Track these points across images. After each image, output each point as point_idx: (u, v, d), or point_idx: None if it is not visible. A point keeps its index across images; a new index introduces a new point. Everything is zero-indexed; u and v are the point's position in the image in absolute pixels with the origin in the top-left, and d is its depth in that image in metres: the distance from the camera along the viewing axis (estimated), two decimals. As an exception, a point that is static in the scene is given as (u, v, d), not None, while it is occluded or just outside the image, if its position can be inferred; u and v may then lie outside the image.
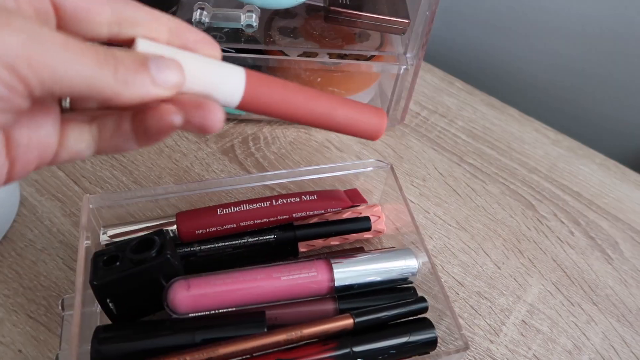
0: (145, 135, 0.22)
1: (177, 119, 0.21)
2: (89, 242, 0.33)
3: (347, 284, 0.33)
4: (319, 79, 0.48)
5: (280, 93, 0.24)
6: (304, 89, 0.25)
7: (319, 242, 0.39)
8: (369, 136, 0.28)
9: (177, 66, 0.21)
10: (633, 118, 0.64)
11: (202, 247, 0.36)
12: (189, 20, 0.42)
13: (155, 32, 0.22)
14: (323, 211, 0.38)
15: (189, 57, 0.22)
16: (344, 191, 0.40)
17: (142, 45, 0.21)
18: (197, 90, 0.22)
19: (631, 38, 0.58)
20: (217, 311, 0.31)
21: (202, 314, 0.31)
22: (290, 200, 0.37)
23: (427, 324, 0.32)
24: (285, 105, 0.24)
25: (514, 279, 0.41)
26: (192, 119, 0.22)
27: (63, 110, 0.23)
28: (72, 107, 0.23)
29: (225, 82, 0.23)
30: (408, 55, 0.46)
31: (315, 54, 0.46)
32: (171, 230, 0.36)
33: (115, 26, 0.21)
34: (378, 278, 0.34)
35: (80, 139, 0.23)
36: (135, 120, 0.22)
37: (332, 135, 0.50)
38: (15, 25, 0.17)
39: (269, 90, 0.24)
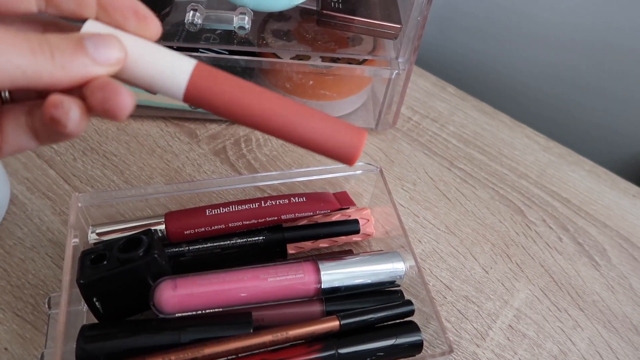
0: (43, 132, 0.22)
1: (64, 110, 0.20)
2: (77, 240, 0.33)
3: (334, 286, 0.33)
4: (311, 82, 0.49)
5: (233, 91, 0.23)
6: (263, 91, 0.23)
7: (307, 244, 0.39)
8: (342, 157, 0.25)
9: (115, 41, 0.21)
10: (623, 126, 0.64)
11: (191, 248, 0.36)
12: (182, 21, 0.42)
13: (85, 6, 0.22)
14: (312, 213, 0.38)
15: (135, 42, 0.22)
16: (334, 194, 0.40)
17: (87, 27, 0.21)
18: (139, 76, 0.22)
19: (621, 47, 0.59)
20: (203, 311, 0.31)
21: (188, 314, 0.31)
22: (279, 202, 0.37)
23: (413, 327, 0.32)
24: (237, 104, 0.23)
25: (502, 283, 0.41)
26: (95, 102, 0.20)
27: (3, 102, 0.23)
28: (12, 98, 0.23)
29: (170, 69, 0.22)
30: (400, 59, 0.47)
31: (307, 57, 0.46)
32: (160, 230, 0.36)
33: (43, 2, 0.21)
34: (365, 280, 0.34)
35: (20, 131, 0.22)
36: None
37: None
38: None
39: (218, 86, 0.23)
